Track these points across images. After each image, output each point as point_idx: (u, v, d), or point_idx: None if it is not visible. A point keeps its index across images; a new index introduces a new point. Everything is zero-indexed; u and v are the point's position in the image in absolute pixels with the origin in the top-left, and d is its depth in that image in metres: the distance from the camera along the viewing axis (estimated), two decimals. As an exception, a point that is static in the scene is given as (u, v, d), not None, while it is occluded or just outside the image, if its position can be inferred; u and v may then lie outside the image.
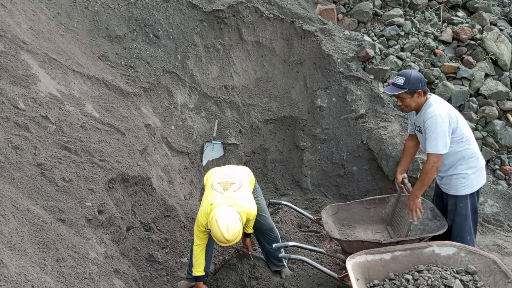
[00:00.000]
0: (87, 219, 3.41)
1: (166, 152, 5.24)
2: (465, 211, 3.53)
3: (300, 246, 3.98)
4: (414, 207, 3.53)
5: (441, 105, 3.45)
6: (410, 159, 3.92)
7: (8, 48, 4.08)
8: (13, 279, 2.38)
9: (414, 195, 3.52)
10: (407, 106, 3.51)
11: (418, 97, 3.45)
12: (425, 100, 3.49)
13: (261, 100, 5.95)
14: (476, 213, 3.63)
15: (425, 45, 5.90)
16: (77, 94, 4.43)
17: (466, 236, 3.54)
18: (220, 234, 3.22)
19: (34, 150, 3.57)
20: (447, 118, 3.35)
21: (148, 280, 3.91)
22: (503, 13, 6.49)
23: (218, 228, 3.23)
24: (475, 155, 3.51)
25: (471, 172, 3.49)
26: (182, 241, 4.40)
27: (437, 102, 3.46)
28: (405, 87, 3.42)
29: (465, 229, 3.54)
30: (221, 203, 3.38)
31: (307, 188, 5.67)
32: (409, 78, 3.42)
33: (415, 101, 3.47)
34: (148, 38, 5.73)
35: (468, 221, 3.53)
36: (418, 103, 3.48)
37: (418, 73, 3.53)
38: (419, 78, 3.45)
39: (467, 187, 3.50)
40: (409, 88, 3.41)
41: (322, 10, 6.29)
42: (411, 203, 3.54)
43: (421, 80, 3.45)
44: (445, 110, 3.40)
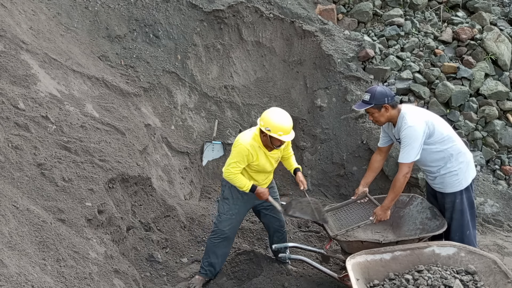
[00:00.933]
0: (87, 219, 3.41)
1: (166, 152, 5.24)
2: (461, 207, 3.60)
3: (300, 247, 3.98)
4: (383, 218, 3.63)
5: (413, 114, 3.52)
6: (375, 173, 3.99)
7: (8, 48, 4.08)
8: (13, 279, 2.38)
9: (387, 206, 3.60)
10: (377, 120, 3.62)
11: (385, 111, 3.54)
12: (398, 112, 3.56)
13: (261, 100, 5.95)
14: (473, 207, 3.68)
15: (425, 45, 5.90)
16: (77, 94, 4.43)
17: (466, 231, 3.59)
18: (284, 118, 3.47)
19: (34, 150, 3.57)
20: (420, 127, 3.44)
21: (148, 280, 3.91)
22: (503, 13, 6.49)
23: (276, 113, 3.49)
24: (461, 150, 3.60)
25: (462, 166, 3.58)
26: (182, 241, 4.40)
27: (409, 113, 3.53)
28: (371, 103, 3.52)
29: (464, 224, 3.59)
30: None
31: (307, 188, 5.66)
32: (374, 94, 3.52)
33: (383, 116, 3.56)
34: (148, 38, 5.73)
35: (465, 215, 3.59)
36: (388, 117, 3.57)
37: (384, 88, 3.61)
38: (384, 93, 3.52)
39: (461, 181, 3.59)
40: (375, 103, 3.51)
41: (322, 10, 6.29)
42: (381, 214, 3.61)
43: (386, 94, 3.52)
44: (417, 119, 3.47)
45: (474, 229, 3.68)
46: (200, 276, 3.90)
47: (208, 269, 3.87)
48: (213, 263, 3.86)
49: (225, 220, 3.79)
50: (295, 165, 3.95)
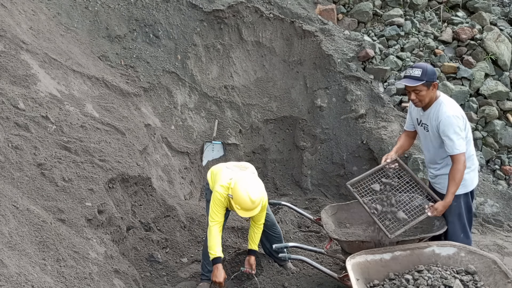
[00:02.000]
0: (87, 219, 3.41)
1: (166, 152, 5.24)
2: (458, 210, 3.49)
3: (300, 246, 3.97)
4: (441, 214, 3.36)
5: (454, 105, 3.39)
6: (405, 148, 3.80)
7: (8, 48, 4.09)
8: (13, 279, 2.38)
9: (450, 201, 3.30)
10: (421, 100, 3.34)
11: (433, 90, 3.31)
12: (435, 97, 3.37)
13: (261, 100, 5.95)
14: (470, 212, 3.60)
15: (425, 45, 5.90)
16: (77, 94, 4.43)
17: (460, 234, 3.51)
18: (246, 196, 3.25)
19: (34, 150, 3.57)
20: (460, 117, 3.31)
21: (148, 280, 3.91)
22: (503, 13, 6.49)
23: (245, 190, 3.26)
24: (471, 156, 3.50)
25: (466, 172, 3.42)
26: (182, 241, 4.40)
27: (449, 102, 3.38)
28: (423, 79, 3.25)
29: (459, 228, 3.52)
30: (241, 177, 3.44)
31: (307, 188, 5.67)
32: (426, 70, 3.26)
33: (429, 95, 3.31)
34: (148, 38, 5.73)
35: (462, 219, 3.52)
36: (431, 98, 3.36)
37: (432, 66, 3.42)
38: (434, 70, 3.34)
39: (461, 187, 3.43)
40: (427, 80, 3.25)
41: (322, 10, 6.29)
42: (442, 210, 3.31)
43: (435, 72, 3.34)
44: (457, 109, 3.36)
45: (470, 233, 3.65)
46: (204, 282, 3.86)
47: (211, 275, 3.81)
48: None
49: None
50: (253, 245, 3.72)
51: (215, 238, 3.51)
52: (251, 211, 3.36)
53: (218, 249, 3.51)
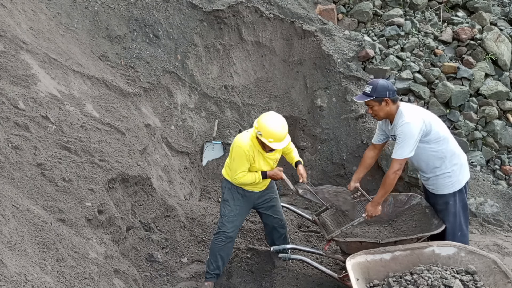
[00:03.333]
0: (87, 219, 3.41)
1: (166, 152, 5.24)
2: (454, 209, 3.58)
3: (299, 248, 3.98)
4: (374, 214, 3.60)
5: (411, 112, 3.49)
6: (366, 169, 3.97)
7: (8, 48, 4.09)
8: (13, 279, 2.38)
9: (377, 202, 3.58)
10: (376, 114, 3.57)
11: (386, 105, 3.49)
12: (396, 109, 3.53)
13: (261, 100, 5.95)
14: (466, 209, 3.66)
15: (425, 45, 5.90)
16: (77, 94, 4.43)
17: (457, 232, 3.58)
18: (275, 123, 3.41)
19: (34, 150, 3.57)
20: (417, 124, 3.41)
21: (148, 280, 3.91)
22: (503, 13, 6.49)
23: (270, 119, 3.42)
24: (455, 152, 3.58)
25: (456, 169, 3.56)
26: (182, 241, 4.40)
27: (407, 110, 3.50)
28: (372, 95, 3.47)
29: (456, 226, 3.58)
30: None
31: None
32: (375, 86, 3.47)
33: (383, 110, 3.52)
34: (148, 38, 5.73)
35: (457, 218, 3.58)
36: (387, 112, 3.53)
37: (386, 82, 3.57)
38: (386, 86, 3.48)
39: (454, 183, 3.57)
40: (376, 96, 3.46)
41: (322, 10, 6.29)
42: (372, 210, 3.59)
43: (388, 88, 3.48)
44: (415, 116, 3.45)
45: (466, 230, 3.68)
46: (209, 282, 3.89)
47: (215, 273, 3.87)
48: (219, 266, 3.87)
49: (227, 222, 3.81)
50: (296, 158, 3.91)
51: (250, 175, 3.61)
52: (284, 140, 3.49)
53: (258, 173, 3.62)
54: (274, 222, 4.02)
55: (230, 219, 3.80)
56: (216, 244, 3.84)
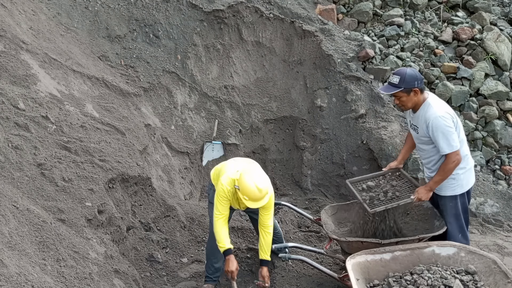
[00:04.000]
0: (87, 219, 3.42)
1: (166, 152, 5.24)
2: (455, 211, 3.53)
3: (300, 247, 3.98)
4: (424, 198, 3.47)
5: (441, 105, 3.42)
6: (412, 150, 3.88)
7: (8, 48, 4.09)
8: (13, 279, 2.38)
9: (431, 187, 3.44)
10: (403, 105, 3.44)
11: (414, 95, 3.38)
12: (423, 99, 3.42)
13: (261, 100, 5.95)
14: (467, 212, 3.63)
15: (425, 45, 5.90)
16: (77, 94, 4.43)
17: (458, 234, 3.54)
18: (253, 185, 3.21)
19: (34, 150, 3.57)
20: (448, 117, 3.34)
21: (148, 280, 3.91)
22: (503, 13, 6.49)
23: (251, 180, 3.22)
24: (466, 156, 3.51)
25: (461, 173, 3.48)
26: (182, 241, 4.40)
27: (436, 103, 3.42)
28: (400, 86, 3.34)
29: (457, 228, 3.55)
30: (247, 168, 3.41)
31: (307, 188, 5.67)
32: (404, 77, 3.33)
33: (411, 100, 3.40)
34: (148, 38, 5.73)
35: (459, 220, 3.54)
36: (414, 102, 3.41)
37: (414, 70, 3.44)
38: (414, 76, 3.36)
39: (457, 187, 3.49)
40: (405, 87, 3.33)
41: (322, 10, 6.29)
42: (424, 194, 3.44)
43: (416, 78, 3.36)
44: (445, 110, 3.38)
45: (468, 232, 3.66)
46: (208, 284, 3.85)
47: (215, 276, 3.83)
48: (219, 267, 3.82)
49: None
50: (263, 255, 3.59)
51: (221, 230, 3.46)
52: (259, 201, 3.31)
53: (227, 241, 3.47)
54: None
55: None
56: (209, 248, 3.79)
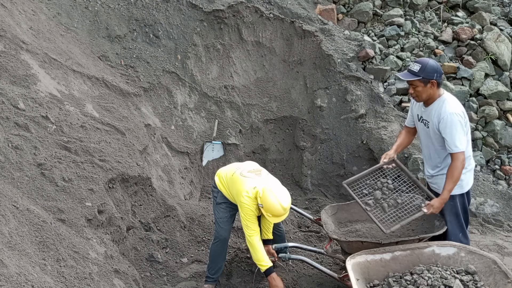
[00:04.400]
0: (87, 219, 3.41)
1: (166, 152, 5.24)
2: (455, 210, 3.51)
3: (300, 246, 3.98)
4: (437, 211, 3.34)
5: (456, 103, 3.38)
6: (405, 146, 3.83)
7: (8, 48, 4.08)
8: (13, 279, 2.38)
9: (446, 198, 3.32)
10: (418, 95, 3.37)
11: (431, 87, 3.31)
12: (438, 95, 3.37)
13: (261, 100, 5.95)
14: (466, 212, 3.61)
15: (425, 45, 5.90)
16: (77, 94, 4.43)
17: (458, 233, 3.52)
18: (278, 204, 3.29)
19: (34, 150, 3.57)
20: (461, 116, 3.31)
21: (148, 280, 3.91)
22: (503, 13, 6.49)
23: (275, 198, 3.30)
24: (469, 157, 3.49)
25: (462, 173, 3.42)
26: (182, 241, 4.40)
27: (452, 100, 3.38)
28: (419, 75, 3.27)
29: (457, 227, 3.53)
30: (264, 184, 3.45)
31: (307, 188, 5.67)
32: (425, 66, 3.27)
33: (427, 92, 3.33)
34: (148, 38, 5.73)
35: (459, 219, 3.53)
36: (429, 94, 3.35)
37: (436, 63, 3.37)
38: (435, 68, 3.30)
39: (457, 187, 3.44)
40: (423, 76, 3.26)
41: (322, 10, 6.29)
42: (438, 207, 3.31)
43: (437, 70, 3.29)
44: (459, 107, 3.36)
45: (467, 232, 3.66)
46: (209, 284, 3.86)
47: (216, 276, 3.86)
48: (220, 268, 3.85)
49: (223, 224, 3.79)
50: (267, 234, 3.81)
51: (260, 248, 3.49)
52: (282, 217, 3.40)
53: (267, 259, 3.50)
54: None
55: (225, 221, 3.78)
56: (216, 248, 3.80)
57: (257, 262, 3.50)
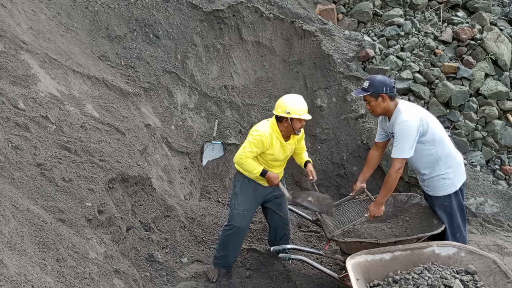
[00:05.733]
0: (87, 219, 3.41)
1: (166, 152, 5.24)
2: (450, 210, 3.58)
3: (298, 248, 3.98)
4: (377, 214, 3.59)
5: (410, 110, 3.48)
6: (372, 169, 3.96)
7: (8, 48, 4.08)
8: (13, 279, 2.38)
9: (380, 202, 3.57)
10: (373, 110, 3.57)
11: (382, 101, 3.49)
12: (394, 106, 3.52)
13: (261, 100, 5.95)
14: (463, 209, 3.66)
15: (425, 45, 5.90)
16: (77, 94, 4.43)
17: (456, 233, 3.58)
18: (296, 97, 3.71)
19: (34, 150, 3.57)
20: (415, 123, 3.39)
21: (148, 280, 3.91)
22: (503, 13, 6.49)
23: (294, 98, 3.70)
24: (450, 154, 3.56)
25: (450, 171, 3.54)
26: (182, 241, 4.40)
27: (406, 108, 3.49)
28: (369, 90, 3.48)
29: (454, 227, 3.58)
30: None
31: (307, 188, 5.66)
32: (373, 82, 3.48)
33: (380, 105, 3.51)
34: (148, 38, 5.73)
35: (455, 219, 3.57)
36: (384, 108, 3.52)
37: (384, 78, 3.56)
38: (383, 82, 3.48)
39: (449, 186, 3.55)
40: (373, 91, 3.47)
41: (322, 10, 6.29)
42: (375, 210, 3.58)
43: (385, 84, 3.48)
44: (413, 115, 3.43)
45: (465, 231, 3.68)
46: (214, 267, 4.01)
47: (222, 261, 3.97)
48: (226, 255, 3.95)
49: (236, 215, 3.86)
50: (306, 158, 4.03)
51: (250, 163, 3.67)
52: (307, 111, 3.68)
53: (258, 167, 3.68)
54: (279, 221, 4.05)
55: (240, 213, 3.86)
56: (225, 233, 3.93)
57: (250, 172, 3.71)
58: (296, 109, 3.57)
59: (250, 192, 3.85)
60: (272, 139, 3.65)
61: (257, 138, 3.61)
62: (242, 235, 3.96)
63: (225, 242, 3.93)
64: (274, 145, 3.67)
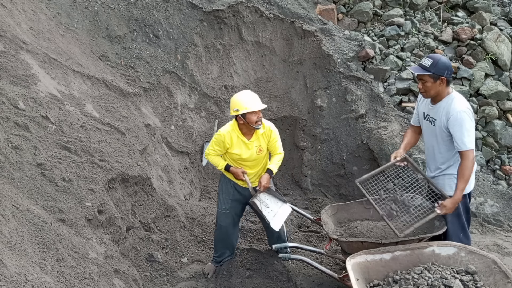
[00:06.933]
0: (87, 219, 3.41)
1: (166, 152, 5.24)
2: (457, 210, 3.46)
3: (300, 247, 3.98)
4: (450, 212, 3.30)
5: (464, 101, 3.37)
6: (412, 145, 3.79)
7: (8, 48, 4.08)
8: (13, 279, 2.38)
9: (458, 198, 3.27)
10: (426, 91, 3.32)
11: (440, 84, 3.27)
12: (447, 92, 3.35)
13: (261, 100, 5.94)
14: (468, 212, 3.60)
15: (425, 45, 5.90)
16: (77, 94, 4.43)
17: (460, 233, 3.51)
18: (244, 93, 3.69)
19: (34, 150, 3.57)
20: (471, 116, 3.30)
21: (148, 280, 3.91)
22: (503, 13, 6.49)
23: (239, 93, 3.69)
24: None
25: None
26: (182, 241, 4.40)
27: (460, 98, 3.36)
28: (430, 70, 3.24)
29: (458, 227, 3.52)
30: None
31: (307, 188, 5.67)
32: (436, 62, 3.23)
33: (435, 88, 3.29)
34: (148, 38, 5.73)
35: (461, 219, 3.51)
36: (438, 91, 3.32)
37: (447, 60, 3.34)
38: (446, 65, 3.25)
39: None
40: (434, 72, 3.23)
41: (322, 10, 6.29)
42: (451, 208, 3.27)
43: (448, 67, 3.25)
44: (467, 106, 3.34)
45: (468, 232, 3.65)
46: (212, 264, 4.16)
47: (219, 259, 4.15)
48: (224, 253, 4.14)
49: (220, 214, 4.01)
50: (269, 164, 3.98)
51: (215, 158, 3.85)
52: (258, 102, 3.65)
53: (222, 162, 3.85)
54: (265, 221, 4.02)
55: (223, 212, 3.99)
56: (215, 234, 4.11)
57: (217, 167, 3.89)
58: (242, 105, 3.59)
59: (230, 192, 3.96)
60: (232, 138, 3.74)
61: (217, 137, 3.78)
62: (228, 233, 4.04)
63: (215, 241, 4.11)
64: (235, 143, 3.75)
